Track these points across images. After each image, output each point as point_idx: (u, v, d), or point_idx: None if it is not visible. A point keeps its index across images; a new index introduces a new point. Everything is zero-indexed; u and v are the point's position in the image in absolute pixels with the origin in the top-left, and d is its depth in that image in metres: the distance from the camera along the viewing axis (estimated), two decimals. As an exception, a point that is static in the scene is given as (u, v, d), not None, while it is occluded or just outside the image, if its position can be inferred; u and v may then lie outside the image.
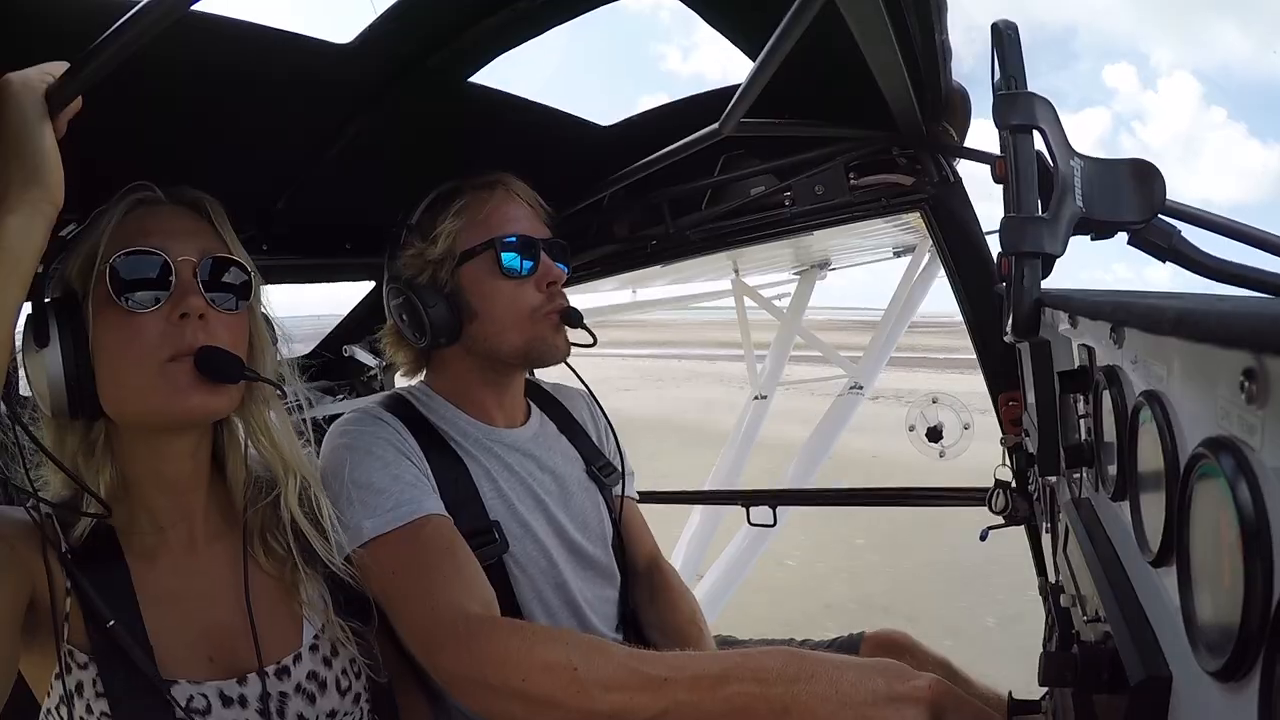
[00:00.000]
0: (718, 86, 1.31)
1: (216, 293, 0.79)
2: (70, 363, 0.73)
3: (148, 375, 0.75)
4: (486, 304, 1.07)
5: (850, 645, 1.31)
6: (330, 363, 1.87)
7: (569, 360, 1.14)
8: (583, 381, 1.25)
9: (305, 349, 1.87)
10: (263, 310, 0.87)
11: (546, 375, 1.29)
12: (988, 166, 0.85)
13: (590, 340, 1.15)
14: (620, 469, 1.22)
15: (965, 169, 1.42)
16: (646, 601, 1.21)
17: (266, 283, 0.88)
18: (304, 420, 0.91)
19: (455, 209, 1.07)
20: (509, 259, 1.06)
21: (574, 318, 1.10)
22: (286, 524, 0.85)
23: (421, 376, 1.18)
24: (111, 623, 0.73)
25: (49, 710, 0.75)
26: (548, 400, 1.24)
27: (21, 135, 0.58)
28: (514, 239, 1.07)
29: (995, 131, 0.82)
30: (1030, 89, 0.78)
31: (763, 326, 5.10)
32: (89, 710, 0.73)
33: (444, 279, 1.06)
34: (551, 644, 0.78)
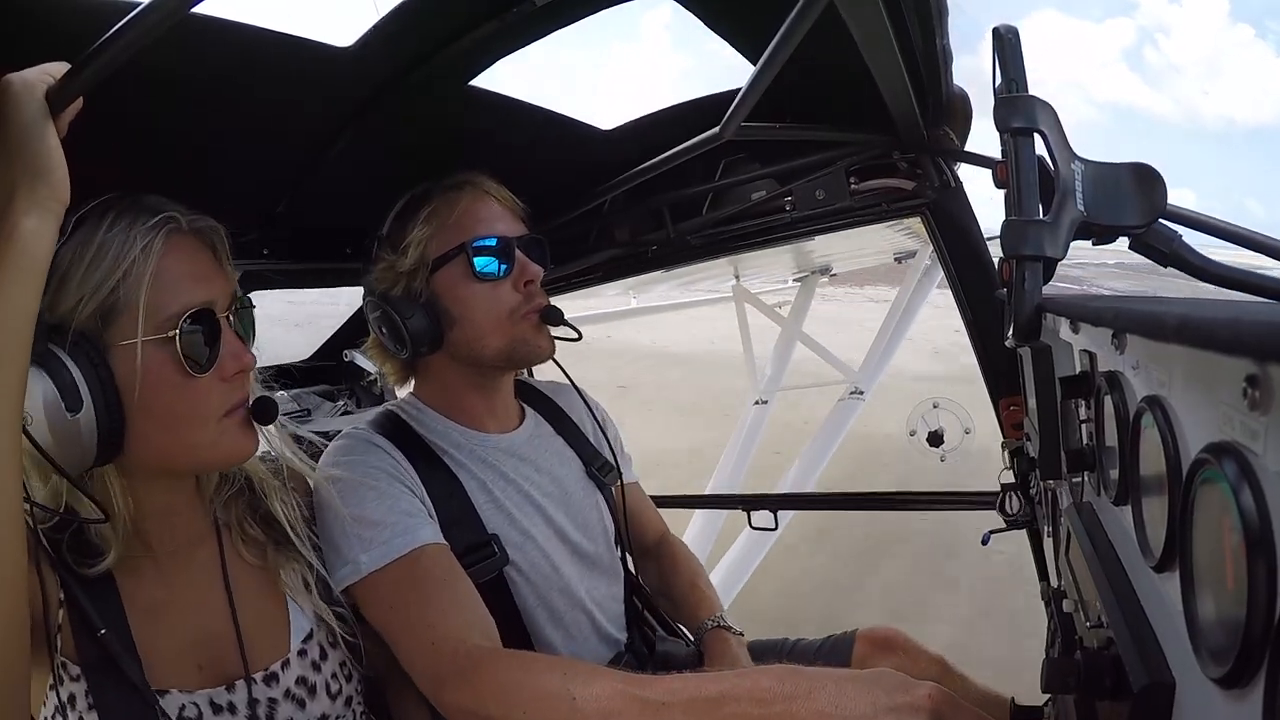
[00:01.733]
0: (719, 91, 1.31)
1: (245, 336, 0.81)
2: (104, 424, 0.70)
3: (207, 433, 0.76)
4: (464, 309, 1.05)
5: (843, 643, 1.31)
6: (330, 368, 1.87)
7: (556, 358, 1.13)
8: (569, 378, 1.24)
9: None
10: None
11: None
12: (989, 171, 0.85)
13: (575, 335, 1.13)
14: (617, 464, 1.22)
15: (966, 173, 1.42)
16: (654, 571, 1.26)
17: (267, 288, 0.88)
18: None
19: (424, 215, 1.04)
20: (482, 261, 1.04)
21: (554, 316, 1.08)
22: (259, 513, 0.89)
23: (411, 386, 1.17)
24: (103, 631, 0.73)
25: None
26: (541, 400, 1.24)
27: (24, 136, 0.58)
28: (486, 240, 1.04)
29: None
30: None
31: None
32: None
33: (418, 288, 1.04)
34: (550, 673, 0.78)
